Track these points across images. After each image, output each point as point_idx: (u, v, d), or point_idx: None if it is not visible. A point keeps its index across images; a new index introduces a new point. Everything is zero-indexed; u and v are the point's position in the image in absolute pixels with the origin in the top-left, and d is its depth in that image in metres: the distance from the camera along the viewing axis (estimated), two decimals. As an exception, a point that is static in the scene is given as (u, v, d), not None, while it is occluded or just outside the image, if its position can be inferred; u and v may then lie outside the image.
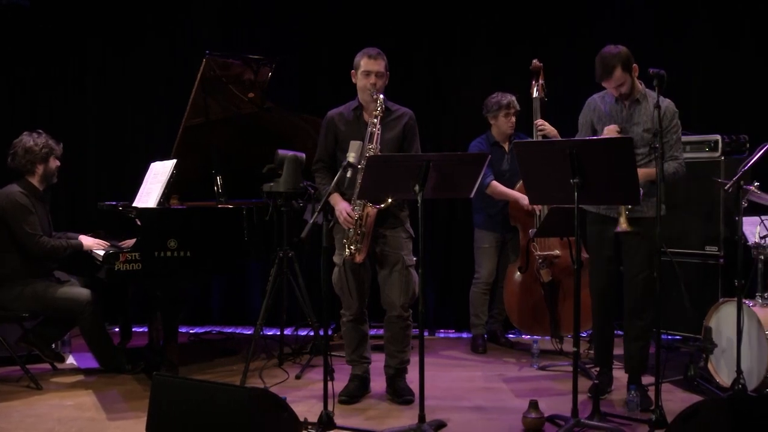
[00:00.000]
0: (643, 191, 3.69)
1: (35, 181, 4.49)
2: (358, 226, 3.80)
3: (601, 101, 3.96)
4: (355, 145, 3.54)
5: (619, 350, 4.15)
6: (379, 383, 4.16)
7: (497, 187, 4.96)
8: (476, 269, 5.23)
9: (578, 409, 3.46)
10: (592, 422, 3.50)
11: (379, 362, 4.16)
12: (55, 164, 4.54)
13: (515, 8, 5.81)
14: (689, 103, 5.37)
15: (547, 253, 4.88)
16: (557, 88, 5.15)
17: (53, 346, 4.65)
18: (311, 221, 3.48)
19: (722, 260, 4.76)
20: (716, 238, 4.79)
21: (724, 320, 4.09)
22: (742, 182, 3.76)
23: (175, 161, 4.37)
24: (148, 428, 3.05)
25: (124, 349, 4.90)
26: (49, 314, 4.44)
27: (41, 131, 4.52)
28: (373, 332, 4.28)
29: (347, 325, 4.07)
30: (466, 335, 5.64)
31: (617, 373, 4.19)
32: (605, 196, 3.58)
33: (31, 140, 4.44)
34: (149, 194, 4.43)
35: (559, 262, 4.89)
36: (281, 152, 4.52)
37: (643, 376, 3.95)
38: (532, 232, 4.84)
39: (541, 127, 4.74)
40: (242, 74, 4.76)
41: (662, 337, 3.74)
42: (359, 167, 3.59)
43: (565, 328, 4.91)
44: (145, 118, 6.10)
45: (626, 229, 3.73)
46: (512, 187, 4.98)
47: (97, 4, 6.04)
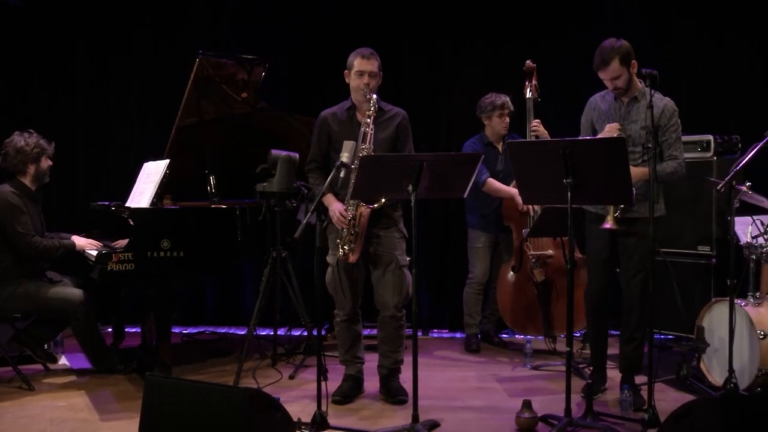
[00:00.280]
0: (640, 192, 3.70)
1: (27, 181, 4.47)
2: (351, 226, 3.80)
3: (601, 100, 3.96)
4: (348, 145, 3.53)
5: (613, 350, 4.17)
6: (372, 383, 4.16)
7: (493, 183, 4.97)
8: (470, 269, 5.24)
9: (571, 408, 3.46)
10: (585, 422, 3.51)
11: (372, 362, 4.16)
12: (46, 164, 4.52)
13: (508, 9, 5.82)
14: (682, 103, 5.35)
15: (540, 252, 4.89)
16: (550, 88, 5.16)
17: (45, 346, 4.64)
18: (304, 221, 3.47)
19: (714, 260, 4.79)
20: (709, 238, 4.82)
21: (716, 320, 4.10)
22: (734, 182, 3.76)
23: (168, 161, 4.36)
24: (141, 429, 3.03)
25: (116, 349, 4.89)
26: (41, 314, 4.43)
27: (32, 131, 4.50)
28: (366, 332, 4.29)
29: (341, 325, 4.07)
30: (459, 335, 5.65)
31: (611, 372, 4.20)
32: (598, 196, 3.58)
33: (22, 140, 4.43)
34: (142, 194, 4.42)
35: (552, 262, 4.90)
36: (274, 152, 4.52)
37: (636, 375, 3.96)
38: (525, 232, 4.85)
39: (535, 127, 4.75)
40: (235, 74, 4.75)
41: (655, 336, 3.75)
42: (352, 167, 3.59)
43: (558, 327, 4.92)
44: (138, 118, 6.09)
45: (613, 226, 3.72)
46: (506, 187, 4.99)
47: (88, 3, 6.02)
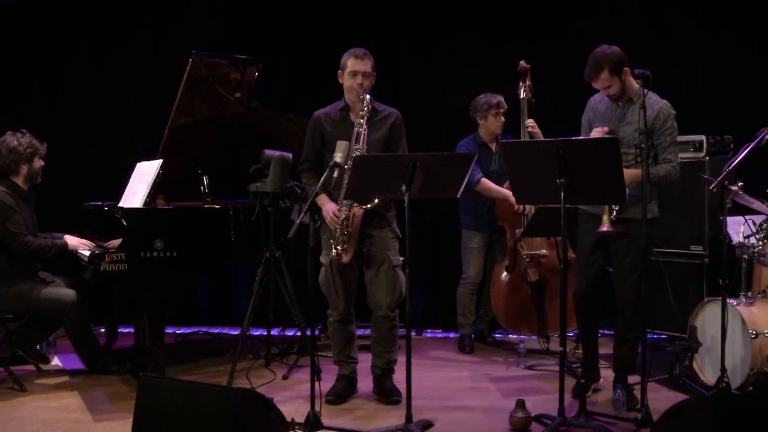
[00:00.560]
0: (633, 194, 3.70)
1: (19, 180, 4.46)
2: (344, 226, 3.80)
3: (600, 101, 3.96)
4: (341, 145, 3.54)
5: (606, 350, 4.18)
6: (366, 383, 4.16)
7: (487, 183, 4.97)
8: (463, 269, 5.24)
9: (565, 408, 3.47)
10: (578, 421, 3.52)
11: (366, 362, 4.16)
12: (39, 164, 4.51)
13: (502, 9, 5.82)
14: (674, 103, 5.38)
15: (534, 252, 4.90)
16: (544, 89, 5.17)
17: (38, 347, 4.62)
18: (298, 221, 3.47)
19: (707, 260, 4.80)
20: (701, 237, 4.83)
21: (708, 319, 4.12)
22: (726, 182, 3.77)
23: (161, 161, 4.36)
24: (134, 429, 3.03)
25: (110, 349, 4.88)
26: (33, 315, 4.41)
27: (25, 131, 4.49)
28: (360, 332, 4.28)
29: (334, 325, 4.07)
30: (453, 335, 5.65)
31: (604, 372, 4.21)
32: (591, 196, 3.59)
33: (15, 140, 4.42)
34: (135, 194, 4.41)
35: (546, 261, 4.91)
36: (268, 152, 4.51)
37: (629, 375, 3.97)
38: (519, 231, 4.85)
39: (530, 126, 4.75)
40: (229, 74, 4.74)
41: (648, 336, 3.76)
42: (346, 167, 3.59)
43: (551, 327, 4.93)
44: (131, 118, 6.07)
45: (609, 229, 3.73)
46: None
47: (82, 3, 6.01)
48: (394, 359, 4.07)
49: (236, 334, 5.27)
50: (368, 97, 3.84)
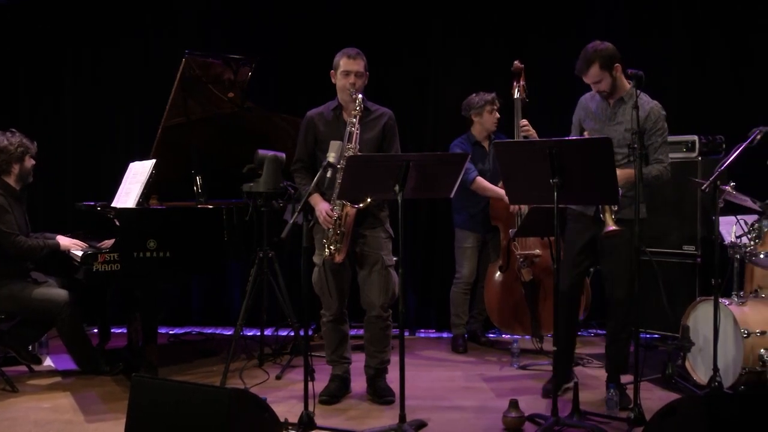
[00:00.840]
0: (626, 194, 3.69)
1: (11, 180, 4.44)
2: (337, 225, 3.80)
3: (590, 99, 3.96)
4: (335, 145, 3.53)
5: (599, 349, 4.18)
6: (359, 383, 4.16)
7: (482, 182, 4.98)
8: (457, 269, 5.25)
9: (558, 407, 3.48)
10: (571, 421, 3.53)
11: (359, 362, 4.16)
12: (30, 163, 4.50)
13: (496, 9, 5.83)
14: (667, 103, 5.38)
15: (527, 252, 4.90)
16: (538, 89, 5.17)
17: (30, 347, 4.60)
18: (291, 221, 3.46)
19: (699, 259, 4.82)
20: (694, 237, 4.85)
21: (701, 319, 4.13)
22: (718, 182, 3.79)
23: (154, 161, 4.35)
24: (127, 430, 3.02)
25: (102, 350, 4.86)
26: (26, 315, 4.39)
27: (14, 130, 4.48)
28: (353, 332, 4.28)
29: (327, 325, 4.07)
30: (446, 335, 5.65)
31: (598, 371, 4.22)
32: (584, 196, 3.59)
33: (5, 140, 4.40)
34: (128, 194, 4.40)
35: (539, 261, 4.91)
36: (261, 152, 4.51)
37: (622, 374, 3.98)
38: (512, 231, 4.86)
39: (525, 127, 4.76)
40: (222, 74, 4.73)
41: (641, 335, 3.77)
42: (339, 167, 3.59)
43: (545, 327, 4.93)
44: (124, 117, 6.05)
45: (615, 228, 3.64)
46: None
47: (76, 4, 5.99)
48: (387, 359, 4.06)
49: (229, 334, 5.26)
50: (360, 96, 3.83)
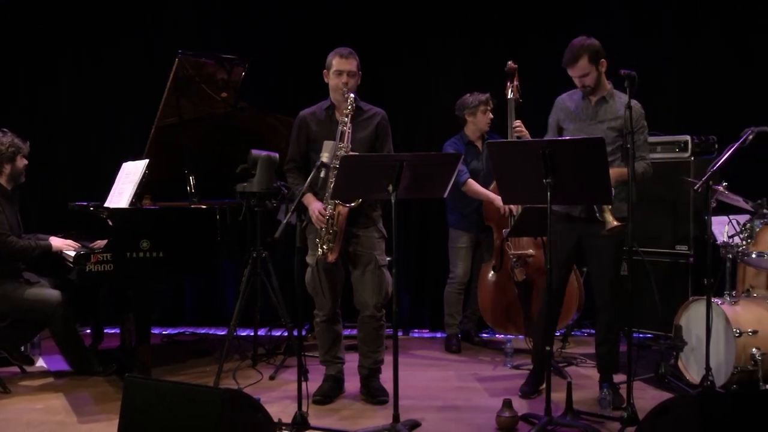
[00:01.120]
0: (616, 194, 3.70)
1: (3, 180, 4.43)
2: (329, 225, 3.79)
3: (568, 99, 3.98)
4: (328, 145, 3.53)
5: (592, 349, 4.19)
6: (353, 383, 4.15)
7: (473, 185, 4.98)
8: (451, 269, 5.25)
9: (551, 407, 3.48)
10: (565, 420, 3.54)
11: (353, 362, 4.16)
12: (22, 163, 4.49)
13: (490, 9, 5.84)
14: (660, 104, 5.43)
15: (521, 252, 4.91)
16: (532, 89, 5.17)
17: (22, 348, 4.59)
18: (285, 221, 3.47)
19: (692, 259, 4.84)
20: (686, 237, 4.87)
21: (693, 318, 4.14)
22: (711, 182, 3.80)
23: (147, 161, 4.34)
24: (120, 431, 3.01)
25: (95, 350, 4.85)
26: (18, 316, 4.37)
27: (6, 130, 4.47)
28: (347, 332, 4.29)
29: (321, 325, 4.06)
30: (440, 335, 5.66)
31: (591, 371, 4.22)
32: (578, 195, 3.60)
33: (-4, 140, 4.39)
34: (121, 194, 4.39)
35: (532, 261, 4.92)
36: (254, 152, 4.50)
37: (615, 374, 3.99)
38: (505, 231, 4.86)
39: (518, 128, 4.76)
40: (215, 74, 4.73)
41: (633, 335, 3.77)
42: (332, 167, 3.58)
43: (538, 327, 4.94)
44: (117, 117, 6.04)
45: (616, 224, 3.61)
46: (487, 186, 5.00)
47: (70, 4, 5.97)
48: (381, 359, 4.07)
49: (223, 334, 5.26)
50: (353, 95, 3.83)
